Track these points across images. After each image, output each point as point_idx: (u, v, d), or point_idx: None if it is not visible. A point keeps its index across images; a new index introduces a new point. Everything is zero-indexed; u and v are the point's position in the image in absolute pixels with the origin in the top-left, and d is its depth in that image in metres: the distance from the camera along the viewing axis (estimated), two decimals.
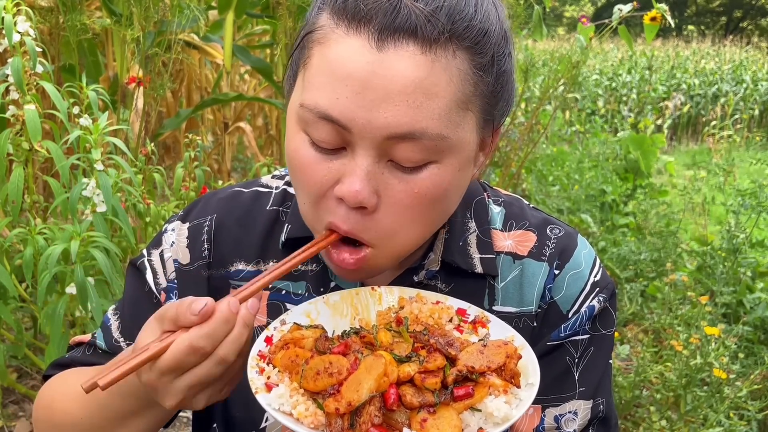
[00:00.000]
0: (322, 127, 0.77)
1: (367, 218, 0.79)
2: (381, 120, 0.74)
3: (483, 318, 0.84)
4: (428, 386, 0.69)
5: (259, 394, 0.71)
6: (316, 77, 0.77)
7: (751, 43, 19.70)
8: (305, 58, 0.80)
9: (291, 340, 0.76)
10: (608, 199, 5.36)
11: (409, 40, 0.73)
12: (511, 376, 0.73)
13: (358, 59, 0.74)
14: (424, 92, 0.74)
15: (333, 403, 0.67)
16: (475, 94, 0.78)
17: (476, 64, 0.77)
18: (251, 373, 0.73)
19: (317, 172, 0.79)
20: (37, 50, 2.07)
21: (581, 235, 1.03)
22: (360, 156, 0.76)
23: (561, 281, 0.96)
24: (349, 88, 0.74)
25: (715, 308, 3.35)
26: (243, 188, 1.04)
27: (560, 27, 25.64)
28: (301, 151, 0.80)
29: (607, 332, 0.98)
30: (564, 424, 0.95)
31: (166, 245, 1.01)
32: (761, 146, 11.15)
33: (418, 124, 0.74)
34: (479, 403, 0.70)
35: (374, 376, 0.68)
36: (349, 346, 0.74)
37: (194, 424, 1.07)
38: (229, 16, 3.83)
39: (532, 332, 0.96)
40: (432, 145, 0.76)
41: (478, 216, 1.00)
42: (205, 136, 5.68)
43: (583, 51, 3.49)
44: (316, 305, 0.85)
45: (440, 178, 0.79)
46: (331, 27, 0.77)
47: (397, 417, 0.68)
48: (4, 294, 2.21)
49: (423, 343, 0.75)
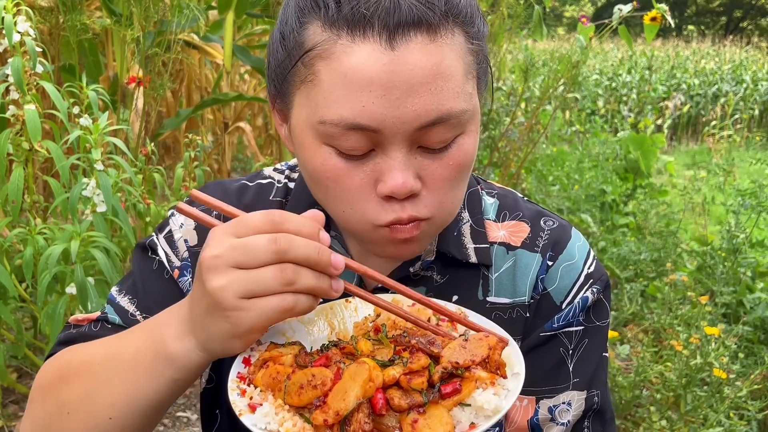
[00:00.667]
0: (352, 136, 0.76)
1: (417, 200, 0.81)
2: (410, 114, 0.75)
3: (461, 314, 0.83)
4: (415, 386, 0.69)
5: (243, 416, 0.69)
6: (332, 92, 0.75)
7: (751, 43, 19.70)
8: (305, 76, 0.78)
9: (270, 358, 0.74)
10: (608, 199, 5.36)
11: (417, 31, 0.74)
12: (496, 368, 0.73)
13: (374, 64, 0.74)
14: (441, 77, 0.76)
15: (321, 415, 0.66)
16: (474, 62, 0.82)
17: (469, 35, 0.81)
18: (233, 396, 0.71)
19: (353, 179, 0.79)
20: (37, 50, 2.07)
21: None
22: (393, 151, 0.78)
23: (554, 272, 0.97)
24: (373, 93, 0.74)
25: (715, 308, 3.35)
26: (248, 181, 1.05)
27: (560, 27, 25.65)
28: (330, 163, 0.79)
29: (602, 324, 0.99)
30: (558, 415, 0.95)
31: (174, 226, 1.01)
32: (761, 146, 11.15)
33: (443, 107, 0.76)
34: (468, 398, 0.70)
35: (359, 382, 0.67)
36: (330, 358, 0.73)
37: (202, 416, 1.07)
38: (229, 16, 3.84)
39: (525, 323, 0.96)
40: (457, 122, 0.79)
41: (472, 206, 1.01)
42: (205, 136, 5.68)
43: (583, 51, 3.49)
44: (290, 324, 0.83)
45: (468, 145, 0.82)
46: (332, 39, 0.75)
47: (387, 421, 0.68)
48: (4, 294, 2.21)
49: (404, 345, 0.75)
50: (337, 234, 0.96)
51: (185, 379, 0.78)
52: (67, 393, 0.83)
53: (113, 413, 0.79)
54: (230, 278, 0.67)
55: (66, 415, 0.82)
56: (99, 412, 0.80)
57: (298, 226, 0.70)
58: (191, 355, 0.75)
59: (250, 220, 0.70)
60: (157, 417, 0.83)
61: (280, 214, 0.71)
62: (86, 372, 0.83)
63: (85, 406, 0.81)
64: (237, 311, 0.68)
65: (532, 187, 5.38)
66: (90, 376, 0.82)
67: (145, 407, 0.79)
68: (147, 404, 0.79)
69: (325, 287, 0.71)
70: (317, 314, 0.85)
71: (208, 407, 1.05)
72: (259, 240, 0.68)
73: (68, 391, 0.83)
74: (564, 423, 0.95)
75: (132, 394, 0.79)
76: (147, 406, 0.79)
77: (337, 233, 0.96)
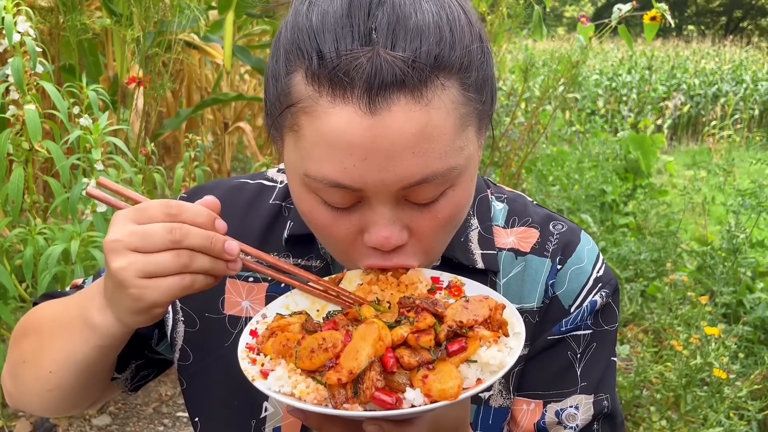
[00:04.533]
0: (336, 193, 0.76)
1: (404, 249, 0.81)
2: (392, 177, 0.73)
3: (457, 282, 0.85)
4: (423, 344, 0.71)
5: (256, 381, 0.72)
6: (315, 149, 0.74)
7: (751, 43, 19.71)
8: (292, 125, 0.77)
9: (278, 327, 0.77)
10: (608, 199, 5.36)
11: (399, 93, 0.70)
12: (498, 326, 0.75)
13: (355, 129, 0.71)
14: (427, 139, 0.73)
15: (334, 375, 0.68)
16: (470, 112, 0.77)
17: (465, 86, 0.75)
18: (244, 363, 0.74)
19: (339, 228, 0.79)
20: (37, 50, 2.07)
21: None
22: (379, 206, 0.77)
23: (563, 276, 0.96)
24: (354, 157, 0.72)
25: (715, 308, 3.35)
26: (249, 180, 1.05)
27: (560, 27, 25.63)
28: (316, 212, 0.80)
29: (610, 328, 0.98)
30: (565, 419, 0.95)
31: None
32: (761, 146, 11.15)
33: (428, 168, 0.74)
34: (474, 354, 0.72)
35: (370, 341, 0.69)
36: (338, 323, 0.75)
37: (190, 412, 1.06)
38: (229, 16, 3.83)
39: (533, 328, 0.96)
40: (444, 180, 0.76)
41: (481, 213, 1.00)
42: (205, 136, 5.68)
43: (582, 51, 3.49)
44: (293, 297, 0.86)
45: (458, 198, 0.80)
46: (314, 98, 0.73)
47: (398, 379, 0.69)
48: (4, 294, 2.21)
49: (409, 306, 0.76)
50: None
51: (110, 346, 0.84)
52: (26, 346, 0.95)
53: (53, 368, 0.89)
54: (129, 260, 0.73)
55: (23, 363, 0.95)
56: (42, 365, 0.90)
57: (193, 216, 0.75)
58: (110, 326, 0.81)
59: (149, 209, 0.75)
60: (92, 381, 0.92)
61: (178, 204, 0.75)
62: (37, 330, 0.94)
63: (34, 359, 0.92)
64: (138, 289, 0.74)
65: (533, 187, 5.38)
66: (39, 334, 0.93)
67: (79, 367, 0.87)
68: (79, 365, 0.87)
69: (221, 268, 0.77)
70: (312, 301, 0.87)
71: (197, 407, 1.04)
72: (156, 229, 0.74)
73: (26, 344, 0.95)
74: (572, 427, 0.95)
75: (66, 354, 0.86)
76: (80, 367, 0.87)
77: None
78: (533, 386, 0.96)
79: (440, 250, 0.87)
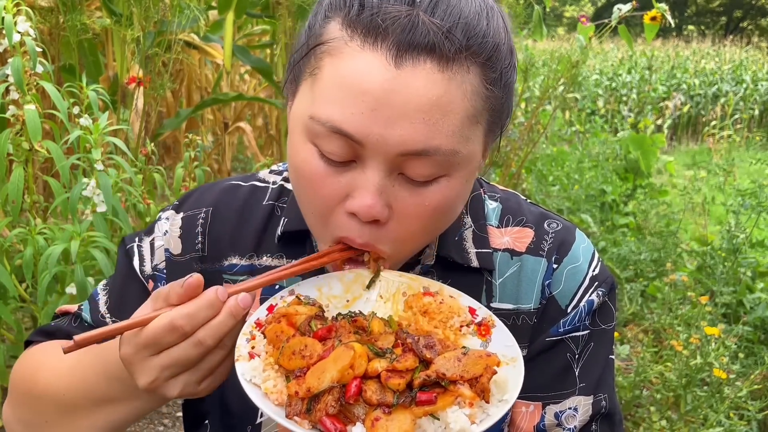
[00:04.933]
0: (335, 141, 0.76)
1: (380, 230, 0.80)
2: (396, 137, 0.73)
3: (490, 321, 0.82)
4: (391, 386, 0.69)
5: (239, 361, 0.73)
6: (329, 91, 0.75)
7: (751, 43, 19.71)
8: (313, 68, 0.78)
9: (286, 314, 0.77)
10: (608, 199, 5.36)
11: (427, 57, 0.72)
12: (481, 390, 0.71)
13: (375, 76, 0.72)
14: (440, 110, 0.73)
15: (294, 386, 0.69)
16: (485, 108, 0.78)
17: (487, 79, 0.77)
18: (241, 339, 0.75)
19: (326, 186, 0.79)
20: (37, 50, 2.07)
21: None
22: (371, 170, 0.76)
23: (559, 275, 0.96)
24: (365, 104, 0.73)
25: (715, 308, 3.35)
26: (241, 182, 1.04)
27: (560, 27, 25.62)
28: (311, 164, 0.79)
29: (607, 327, 0.98)
30: (565, 421, 0.94)
31: (158, 233, 1.01)
32: (761, 146, 11.15)
33: (432, 141, 0.74)
34: (441, 411, 0.69)
35: (338, 367, 0.68)
36: (333, 330, 0.74)
37: (185, 420, 1.06)
38: (229, 16, 3.83)
39: (531, 330, 0.96)
40: (444, 161, 0.76)
41: (474, 212, 1.00)
42: (205, 136, 5.68)
43: (582, 51, 3.49)
44: (328, 280, 0.85)
45: (450, 191, 0.80)
46: (345, 40, 0.75)
47: (355, 410, 0.69)
48: (4, 294, 2.21)
49: (402, 342, 0.75)
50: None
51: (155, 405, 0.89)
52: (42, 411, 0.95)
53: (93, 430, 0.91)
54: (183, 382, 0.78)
55: (44, 423, 0.94)
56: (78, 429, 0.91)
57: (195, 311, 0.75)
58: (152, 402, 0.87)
59: (159, 341, 0.76)
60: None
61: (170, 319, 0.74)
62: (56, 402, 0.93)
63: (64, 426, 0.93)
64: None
65: (532, 187, 5.38)
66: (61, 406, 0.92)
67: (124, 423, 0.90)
68: (125, 423, 0.90)
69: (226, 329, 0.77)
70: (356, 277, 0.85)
71: (194, 412, 1.04)
72: (184, 347, 0.75)
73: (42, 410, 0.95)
74: (571, 428, 0.94)
75: (109, 420, 0.89)
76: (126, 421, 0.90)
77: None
78: (532, 388, 0.96)
79: (413, 248, 0.85)
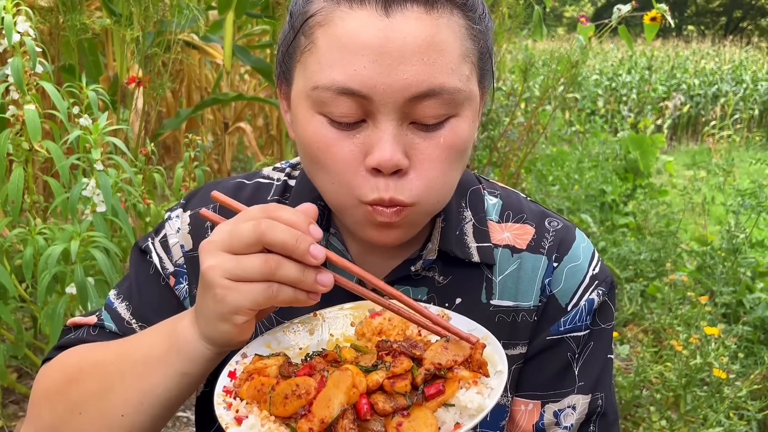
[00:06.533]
0: (343, 102, 0.78)
1: (403, 181, 0.80)
2: (401, 82, 0.76)
3: (444, 316, 0.83)
4: (399, 390, 0.69)
5: (229, 428, 0.69)
6: (327, 56, 0.78)
7: (751, 43, 19.70)
8: (305, 45, 0.81)
9: (254, 370, 0.75)
10: (608, 199, 5.36)
11: (413, 3, 0.76)
12: (478, 366, 0.73)
13: (369, 29, 0.75)
14: (436, 49, 0.77)
15: (306, 424, 0.66)
16: (474, 48, 0.82)
17: (470, 19, 0.81)
18: (219, 409, 0.72)
19: (342, 150, 0.80)
20: (37, 50, 2.07)
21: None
22: (383, 123, 0.78)
23: (559, 274, 0.96)
24: (365, 58, 0.75)
25: (715, 308, 3.35)
26: (245, 180, 1.05)
27: (560, 27, 25.62)
28: (322, 132, 0.80)
29: (607, 326, 0.98)
30: (563, 419, 0.95)
31: (170, 231, 1.01)
32: (761, 146, 11.15)
33: (435, 80, 0.77)
34: (452, 398, 0.70)
35: (343, 389, 0.67)
36: (314, 367, 0.73)
37: (197, 424, 1.06)
38: (229, 16, 3.83)
39: (532, 327, 0.96)
40: (450, 99, 0.79)
41: (474, 206, 1.00)
42: (205, 136, 5.68)
43: (582, 51, 3.49)
44: (274, 335, 0.84)
45: (461, 129, 0.82)
46: (332, 7, 0.78)
47: (373, 426, 0.68)
48: (4, 294, 2.21)
49: (387, 350, 0.75)
50: (336, 232, 0.95)
51: (193, 374, 0.79)
52: (79, 393, 0.84)
53: (126, 410, 0.81)
54: (219, 259, 0.72)
55: (78, 415, 0.83)
56: (112, 409, 0.82)
57: (288, 216, 0.73)
58: (196, 345, 0.78)
59: (249, 212, 0.75)
60: (166, 416, 0.85)
61: (276, 206, 0.74)
62: (99, 372, 0.84)
63: (98, 405, 0.82)
64: (223, 289, 0.72)
65: (532, 187, 5.37)
66: (103, 376, 0.84)
67: (156, 404, 0.81)
68: (158, 401, 0.81)
69: (309, 281, 0.72)
70: (302, 323, 0.85)
71: (205, 412, 1.03)
72: (245, 224, 0.72)
73: (79, 392, 0.84)
74: (567, 426, 0.95)
75: (144, 389, 0.80)
76: (158, 403, 0.81)
77: (336, 231, 0.95)
78: (532, 386, 0.96)
79: (440, 192, 0.84)
